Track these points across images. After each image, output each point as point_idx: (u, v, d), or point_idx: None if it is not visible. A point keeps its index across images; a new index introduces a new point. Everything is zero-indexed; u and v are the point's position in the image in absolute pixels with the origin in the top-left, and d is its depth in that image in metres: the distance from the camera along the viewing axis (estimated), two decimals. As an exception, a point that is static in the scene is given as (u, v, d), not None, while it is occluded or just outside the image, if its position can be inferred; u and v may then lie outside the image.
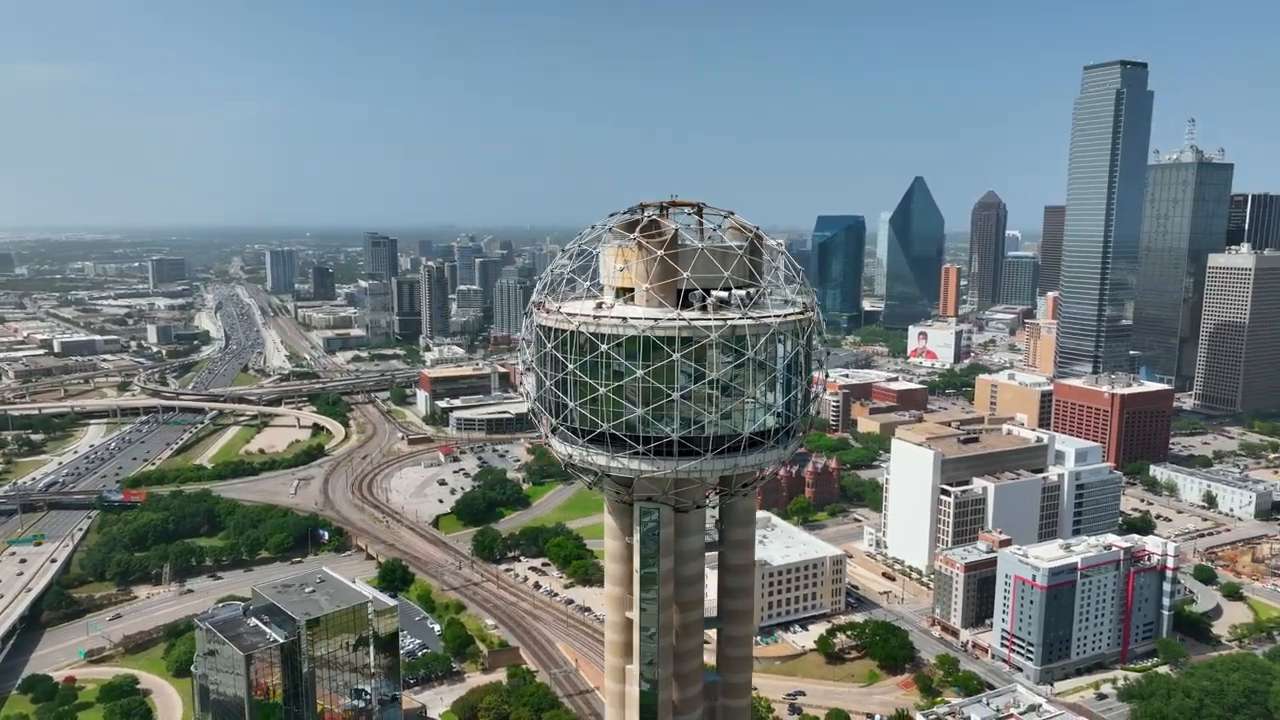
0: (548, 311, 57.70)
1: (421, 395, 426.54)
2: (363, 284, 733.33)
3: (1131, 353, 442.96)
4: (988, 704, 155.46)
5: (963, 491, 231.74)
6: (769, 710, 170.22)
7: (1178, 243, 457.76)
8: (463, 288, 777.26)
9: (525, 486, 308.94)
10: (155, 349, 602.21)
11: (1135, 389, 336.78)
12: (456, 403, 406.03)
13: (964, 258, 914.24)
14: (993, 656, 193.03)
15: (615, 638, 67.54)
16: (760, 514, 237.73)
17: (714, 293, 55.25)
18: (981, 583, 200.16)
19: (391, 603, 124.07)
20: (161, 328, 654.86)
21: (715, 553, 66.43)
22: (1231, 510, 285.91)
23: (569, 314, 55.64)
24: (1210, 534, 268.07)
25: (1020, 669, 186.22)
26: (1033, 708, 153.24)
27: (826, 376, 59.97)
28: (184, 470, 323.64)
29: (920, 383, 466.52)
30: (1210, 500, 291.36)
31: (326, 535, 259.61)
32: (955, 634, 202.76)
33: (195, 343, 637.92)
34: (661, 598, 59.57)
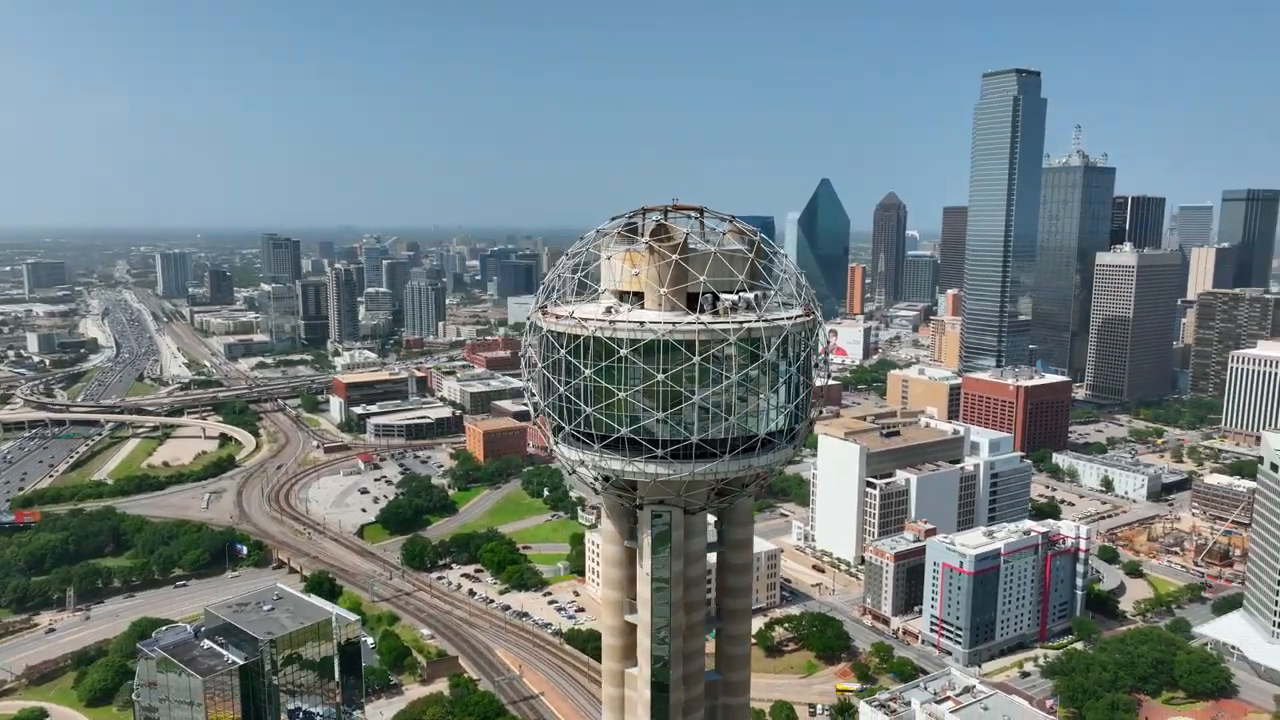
0: (557, 317, 57.01)
1: (335, 402, 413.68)
2: (266, 288, 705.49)
3: (1030, 347, 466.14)
4: (925, 688, 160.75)
5: (887, 483, 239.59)
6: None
7: (1068, 242, 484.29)
8: (371, 290, 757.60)
9: (451, 492, 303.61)
10: (37, 358, 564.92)
11: (1037, 381, 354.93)
12: (373, 408, 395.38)
13: (867, 257, 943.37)
14: (923, 642, 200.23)
15: (614, 642, 67.36)
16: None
17: (726, 296, 55.83)
18: (910, 571, 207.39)
19: (353, 617, 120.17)
20: (43, 336, 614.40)
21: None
22: (1126, 493, 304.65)
23: (582, 319, 55.16)
24: (1109, 516, 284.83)
25: (949, 652, 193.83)
26: (967, 689, 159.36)
27: (828, 377, 61.20)
28: (82, 487, 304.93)
29: (833, 379, 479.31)
30: (1108, 484, 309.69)
31: (245, 550, 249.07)
32: (886, 622, 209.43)
33: (82, 351, 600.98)
34: (674, 600, 59.85)
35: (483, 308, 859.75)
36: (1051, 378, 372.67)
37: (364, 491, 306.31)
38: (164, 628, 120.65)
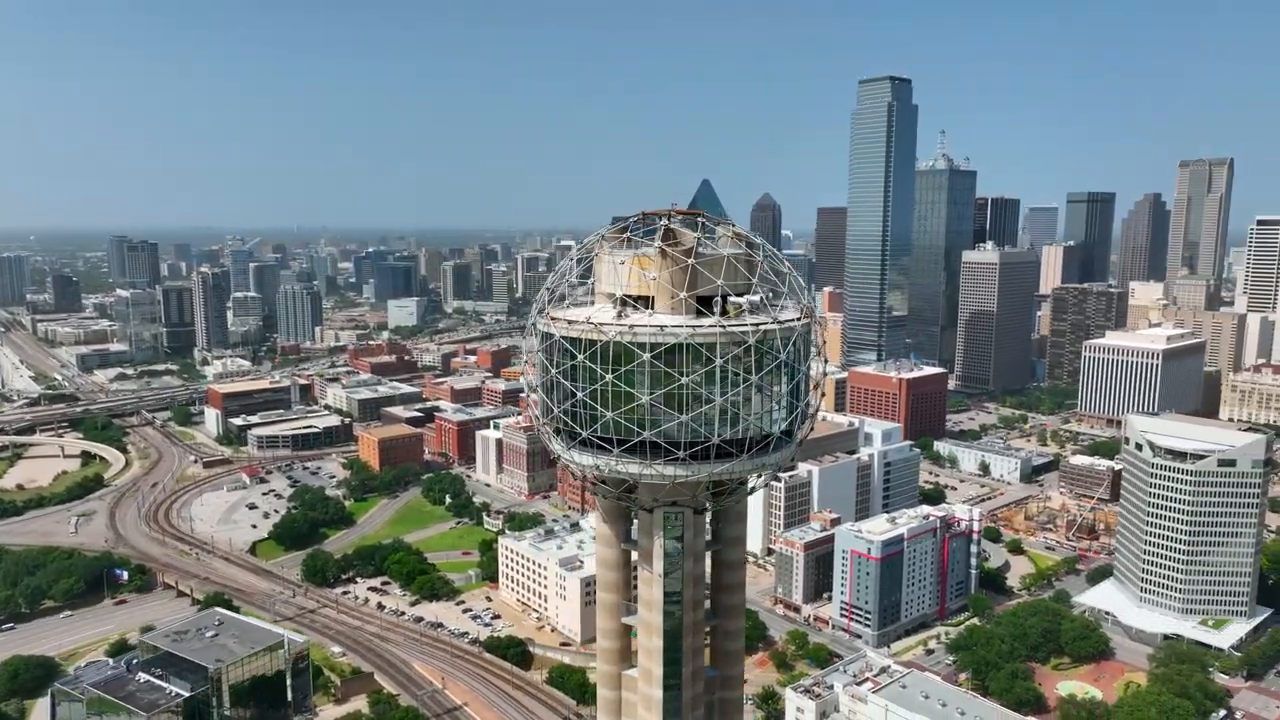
0: (569, 322, 56.62)
1: (211, 413, 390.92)
2: (122, 293, 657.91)
3: (905, 340, 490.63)
4: (844, 671, 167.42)
5: (790, 477, 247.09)
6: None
7: (936, 241, 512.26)
8: (239, 295, 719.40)
9: (348, 504, 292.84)
10: None
11: (917, 374, 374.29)
12: (254, 419, 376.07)
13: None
14: (833, 627, 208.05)
15: (610, 645, 67.48)
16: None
17: (736, 299, 56.95)
18: (819, 560, 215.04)
19: (301, 638, 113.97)
20: None
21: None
22: (1002, 476, 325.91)
23: (599, 324, 55.00)
24: (989, 498, 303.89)
25: (859, 636, 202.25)
26: (884, 669, 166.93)
27: (825, 375, 63.25)
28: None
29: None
30: (985, 468, 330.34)
31: (126, 575, 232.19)
32: (797, 610, 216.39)
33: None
34: (685, 599, 60.55)
35: (360, 311, 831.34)
36: (929, 369, 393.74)
37: (252, 507, 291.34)
38: (83, 663, 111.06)
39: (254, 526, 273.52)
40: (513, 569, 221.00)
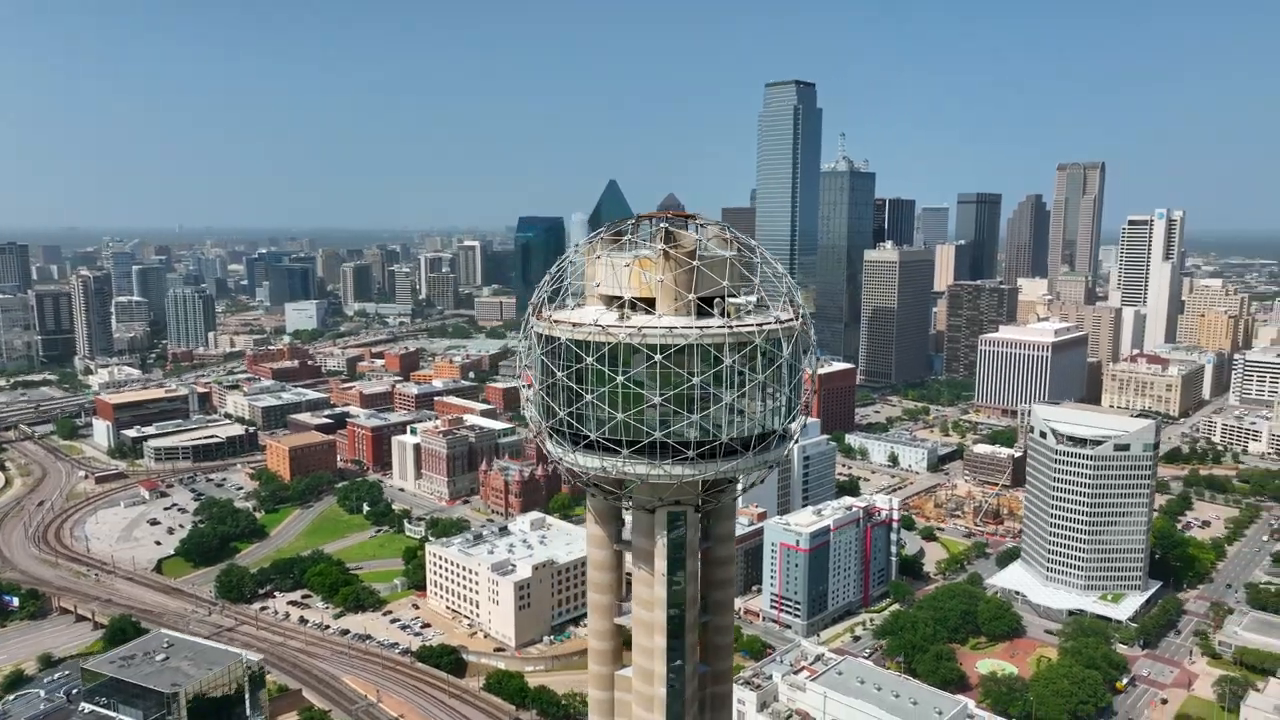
0: (574, 325, 56.50)
1: (101, 425, 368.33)
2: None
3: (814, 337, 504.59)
4: (781, 661, 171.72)
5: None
6: (583, 704, 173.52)
7: (839, 240, 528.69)
8: (123, 299, 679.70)
9: (259, 515, 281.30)
10: None
11: (828, 369, 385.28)
12: (150, 430, 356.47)
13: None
14: (764, 619, 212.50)
15: (601, 646, 67.59)
16: (533, 515, 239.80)
17: (734, 300, 57.97)
18: (747, 554, 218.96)
19: (256, 657, 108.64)
20: None
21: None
22: (910, 466, 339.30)
23: (606, 326, 55.10)
24: (900, 488, 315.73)
25: (789, 626, 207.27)
26: (819, 658, 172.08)
27: (814, 373, 64.92)
28: None
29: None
30: (894, 459, 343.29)
31: (16, 601, 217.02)
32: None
33: None
34: (689, 596, 61.20)
35: (255, 315, 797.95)
36: (839, 365, 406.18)
37: (154, 522, 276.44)
38: (11, 697, 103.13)
39: (158, 543, 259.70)
40: (441, 576, 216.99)
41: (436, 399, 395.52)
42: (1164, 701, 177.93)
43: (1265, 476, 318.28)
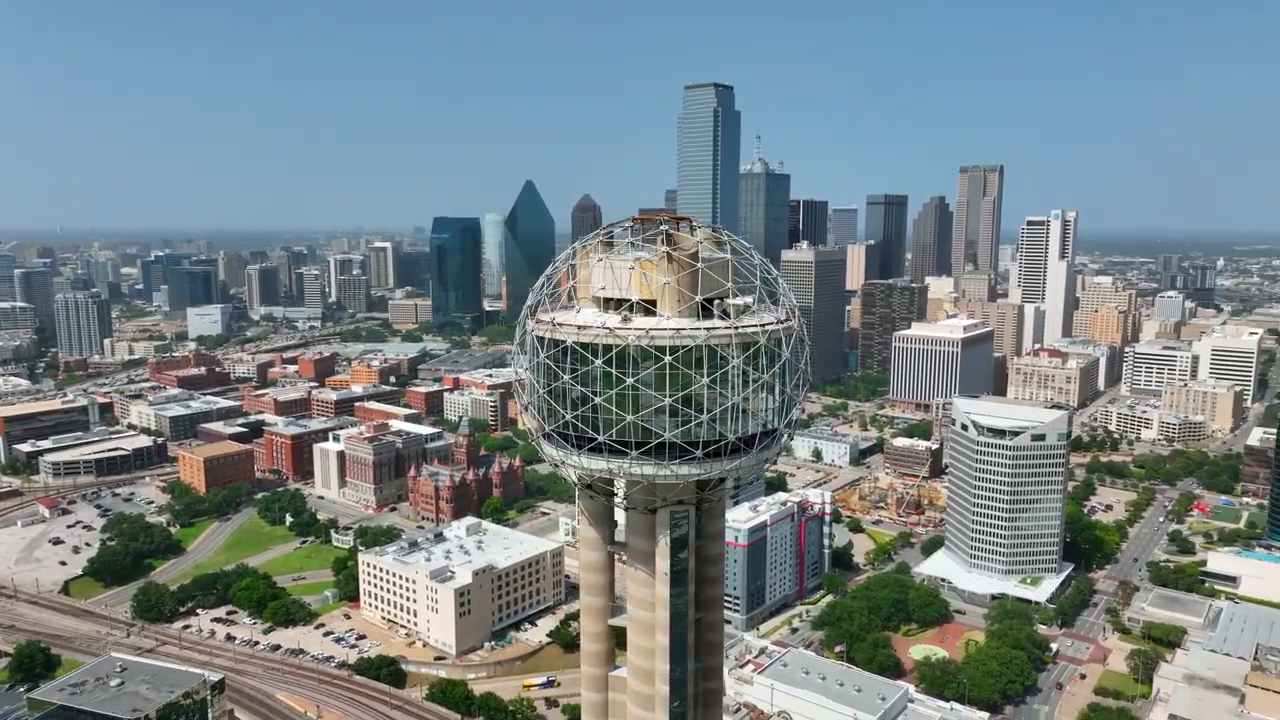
0: (578, 327, 56.31)
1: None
2: None
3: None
4: (727, 655, 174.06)
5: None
6: (530, 709, 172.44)
7: (757, 241, 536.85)
8: (4, 305, 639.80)
9: (174, 530, 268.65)
10: None
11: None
12: (45, 444, 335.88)
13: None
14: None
15: (594, 648, 67.62)
16: (469, 520, 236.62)
17: (732, 301, 58.85)
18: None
19: (216, 677, 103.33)
20: None
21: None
22: (833, 460, 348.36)
23: (616, 329, 55.11)
24: (825, 482, 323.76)
25: (729, 621, 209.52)
26: (763, 650, 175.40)
27: (808, 370, 66.04)
28: None
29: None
30: (818, 454, 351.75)
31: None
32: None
33: None
34: (690, 595, 61.72)
35: (153, 321, 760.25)
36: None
37: (57, 542, 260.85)
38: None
39: (63, 563, 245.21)
40: (376, 586, 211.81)
41: (357, 405, 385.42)
42: (1083, 677, 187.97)
43: (1158, 462, 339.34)
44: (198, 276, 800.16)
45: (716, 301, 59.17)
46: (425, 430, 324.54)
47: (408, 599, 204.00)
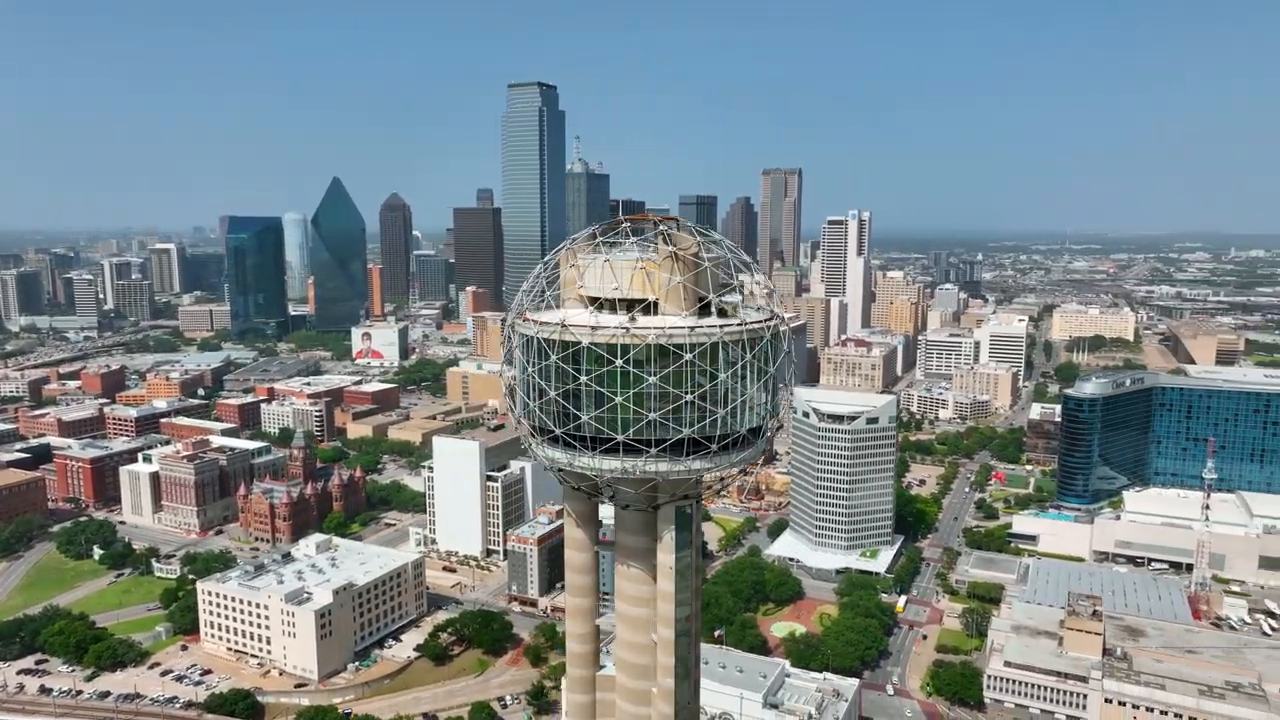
0: (593, 328, 55.68)
1: None
2: None
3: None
4: (609, 653, 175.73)
5: (506, 474, 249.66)
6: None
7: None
8: None
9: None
10: None
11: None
12: None
13: (376, 257, 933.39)
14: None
15: (580, 649, 67.35)
16: (318, 537, 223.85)
17: (728, 299, 60.38)
18: (551, 551, 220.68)
19: None
20: None
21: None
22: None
23: (633, 329, 54.99)
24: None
25: (603, 614, 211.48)
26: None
27: (794, 368, 68.54)
28: None
29: (382, 382, 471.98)
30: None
31: None
32: (534, 604, 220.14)
33: None
34: (694, 587, 62.52)
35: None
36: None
37: None
38: None
39: None
40: (219, 615, 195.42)
41: (163, 421, 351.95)
42: (924, 638, 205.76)
43: (956, 438, 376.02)
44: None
45: (715, 300, 60.62)
46: (252, 445, 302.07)
47: (259, 626, 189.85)
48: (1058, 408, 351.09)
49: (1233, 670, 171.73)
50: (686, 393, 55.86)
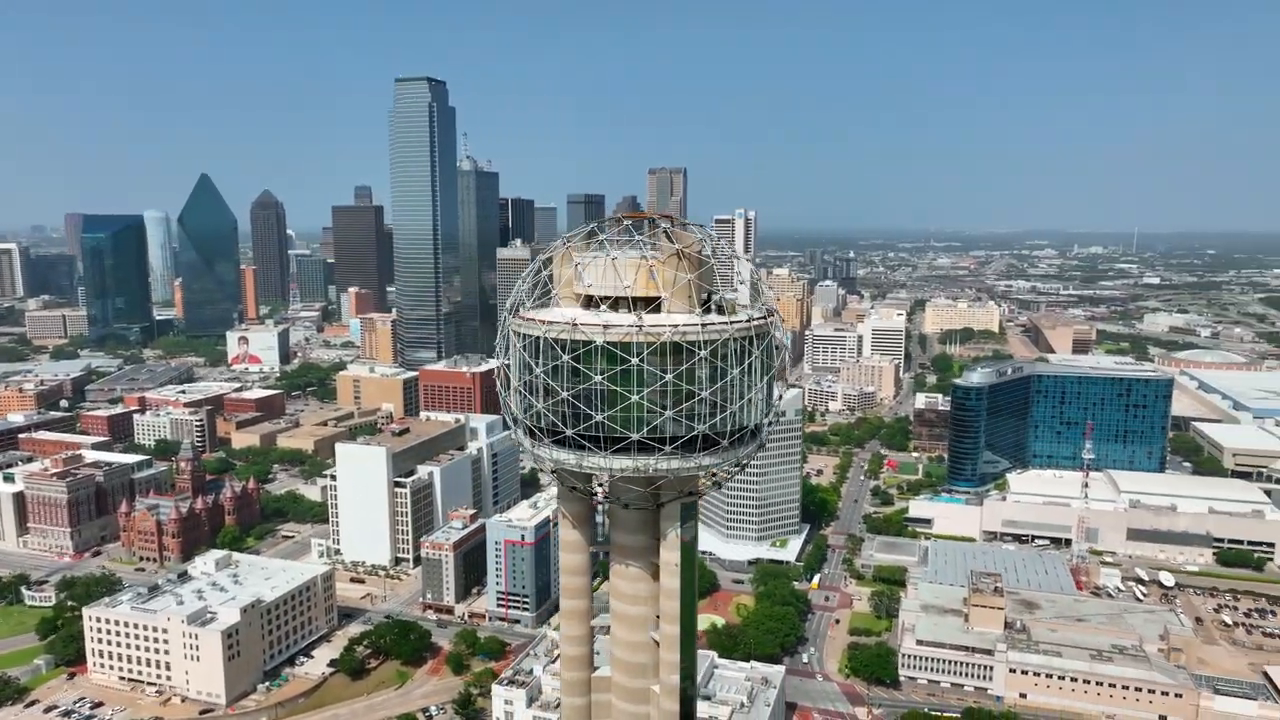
0: (606, 327, 54.80)
1: None
2: None
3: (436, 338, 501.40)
4: (535, 654, 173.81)
5: (414, 480, 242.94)
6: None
7: (470, 238, 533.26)
8: None
9: None
10: None
11: (486, 367, 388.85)
12: None
13: (249, 258, 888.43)
14: (490, 619, 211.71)
15: (575, 652, 66.45)
16: (216, 554, 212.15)
17: (727, 296, 60.77)
18: (467, 556, 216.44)
19: None
20: None
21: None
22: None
23: (648, 327, 54.49)
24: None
25: (518, 621, 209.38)
26: (555, 643, 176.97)
27: (783, 365, 69.35)
28: None
29: (264, 388, 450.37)
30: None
31: None
32: (450, 611, 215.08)
33: None
34: (695, 582, 62.48)
35: None
36: (494, 363, 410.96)
37: None
38: None
39: None
40: (109, 643, 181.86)
41: (22, 437, 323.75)
42: (837, 622, 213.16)
43: (848, 429, 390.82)
44: None
45: (715, 297, 61.02)
46: (130, 459, 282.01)
47: (157, 651, 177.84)
48: (940, 397, 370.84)
49: (1117, 634, 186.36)
50: (701, 389, 56.14)
